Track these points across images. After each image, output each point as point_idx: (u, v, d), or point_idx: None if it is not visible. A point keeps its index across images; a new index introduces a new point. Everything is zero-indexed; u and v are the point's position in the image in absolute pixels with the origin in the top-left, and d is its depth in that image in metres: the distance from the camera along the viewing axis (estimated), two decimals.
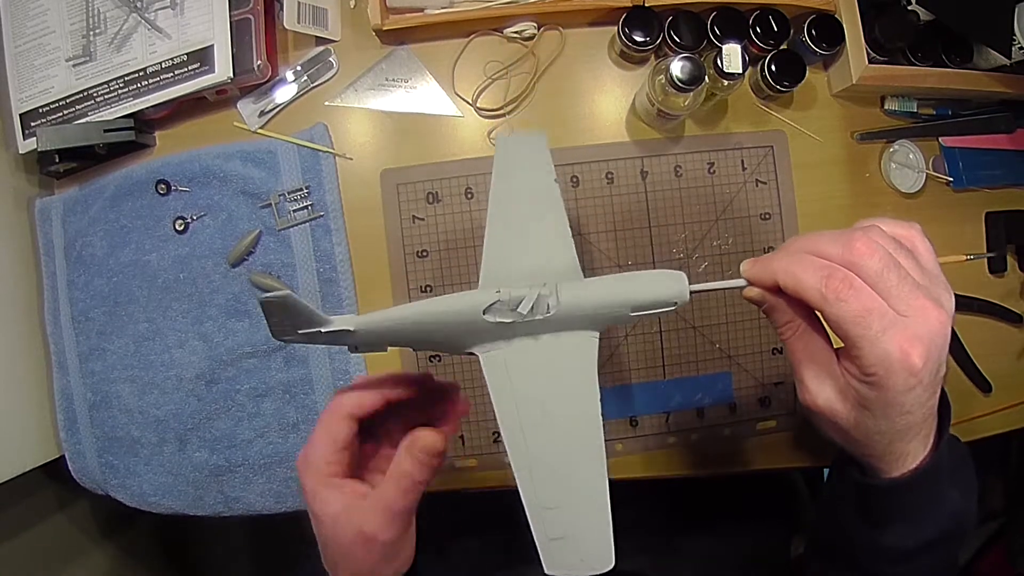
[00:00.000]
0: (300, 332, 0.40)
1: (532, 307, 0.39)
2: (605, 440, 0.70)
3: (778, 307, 0.40)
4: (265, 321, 0.39)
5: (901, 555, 0.44)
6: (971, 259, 0.48)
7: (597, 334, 0.41)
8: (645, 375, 0.68)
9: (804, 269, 0.37)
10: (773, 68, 0.65)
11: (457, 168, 0.68)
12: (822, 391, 0.40)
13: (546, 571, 0.38)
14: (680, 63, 0.58)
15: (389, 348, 0.43)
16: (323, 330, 0.40)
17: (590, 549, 0.38)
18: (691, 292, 0.40)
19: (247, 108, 0.68)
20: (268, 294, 0.38)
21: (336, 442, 0.42)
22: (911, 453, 0.41)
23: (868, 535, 0.45)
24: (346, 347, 0.42)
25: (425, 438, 0.41)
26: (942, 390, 0.41)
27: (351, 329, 0.40)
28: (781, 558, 0.82)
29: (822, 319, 0.39)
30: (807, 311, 0.40)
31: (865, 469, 0.43)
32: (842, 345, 0.38)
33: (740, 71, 0.59)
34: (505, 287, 0.40)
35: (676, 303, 0.40)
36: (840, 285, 0.36)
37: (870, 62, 0.65)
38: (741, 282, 0.41)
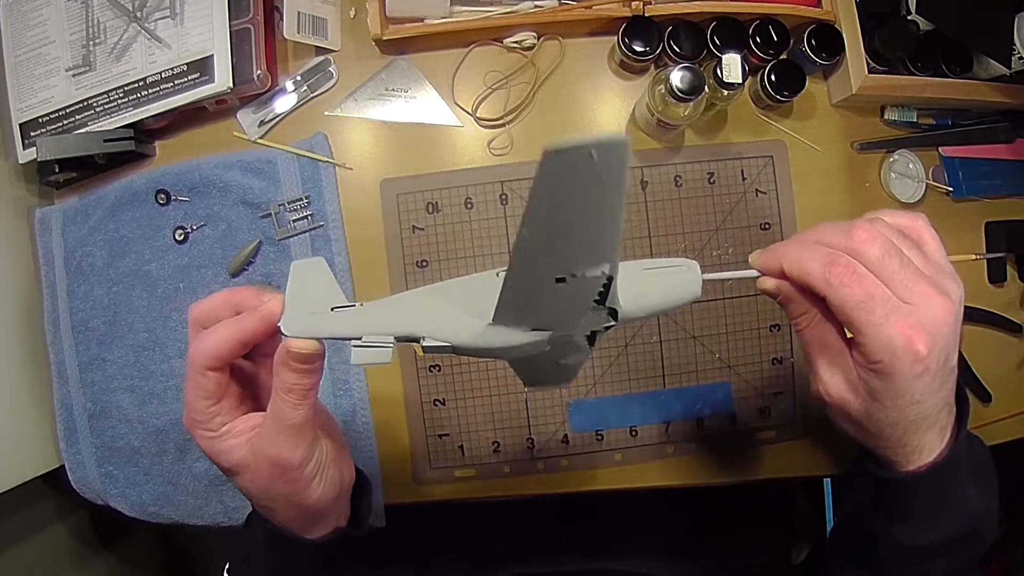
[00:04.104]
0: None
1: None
2: (604, 451, 0.70)
3: (793, 298, 0.41)
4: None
5: (918, 553, 0.43)
6: (979, 259, 0.47)
7: None
8: (645, 385, 0.68)
9: (809, 256, 0.38)
10: (773, 78, 0.64)
11: (457, 178, 0.68)
12: (834, 382, 0.41)
13: None
14: (680, 73, 0.58)
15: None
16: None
17: None
18: (704, 280, 0.40)
19: (247, 118, 0.68)
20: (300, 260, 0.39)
21: (208, 395, 0.40)
22: (926, 446, 0.41)
23: (886, 530, 0.44)
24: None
25: (294, 345, 0.39)
26: (959, 384, 0.41)
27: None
28: (781, 567, 0.82)
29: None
30: (821, 303, 0.40)
31: (882, 463, 0.43)
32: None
33: (740, 81, 0.59)
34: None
35: (687, 266, 0.39)
36: (843, 271, 0.37)
37: (870, 72, 0.65)
38: (753, 272, 0.42)
